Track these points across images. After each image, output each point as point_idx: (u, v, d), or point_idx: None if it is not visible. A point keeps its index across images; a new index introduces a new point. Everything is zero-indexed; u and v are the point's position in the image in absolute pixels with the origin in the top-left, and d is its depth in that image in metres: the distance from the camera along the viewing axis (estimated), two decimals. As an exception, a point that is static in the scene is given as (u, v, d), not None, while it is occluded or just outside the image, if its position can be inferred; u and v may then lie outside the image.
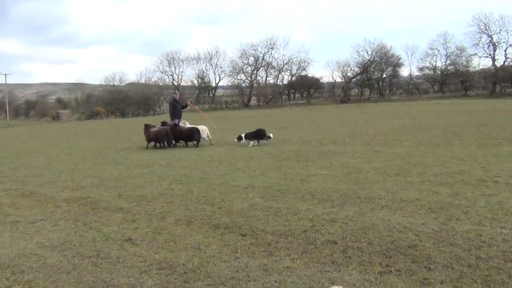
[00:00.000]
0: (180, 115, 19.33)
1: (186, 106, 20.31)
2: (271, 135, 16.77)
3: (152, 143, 17.99)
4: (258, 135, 16.78)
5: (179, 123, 18.82)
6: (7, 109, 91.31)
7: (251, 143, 16.46)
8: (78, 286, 4.57)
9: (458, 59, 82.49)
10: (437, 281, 4.23)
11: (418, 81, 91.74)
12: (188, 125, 19.01)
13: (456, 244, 5.05)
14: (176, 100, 19.63)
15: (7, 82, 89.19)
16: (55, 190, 9.64)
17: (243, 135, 16.84)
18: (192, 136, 17.75)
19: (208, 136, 18.22)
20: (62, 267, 5.07)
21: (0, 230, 6.77)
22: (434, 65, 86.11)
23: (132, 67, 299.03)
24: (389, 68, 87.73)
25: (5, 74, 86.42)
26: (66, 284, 4.61)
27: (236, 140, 17.11)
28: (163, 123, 19.13)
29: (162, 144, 17.72)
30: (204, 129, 18.22)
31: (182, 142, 18.35)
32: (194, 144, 17.70)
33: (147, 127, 18.78)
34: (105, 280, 4.64)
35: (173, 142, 18.16)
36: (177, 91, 28.60)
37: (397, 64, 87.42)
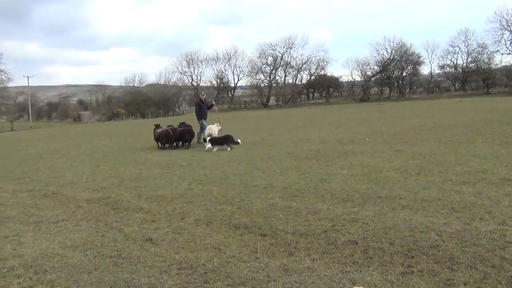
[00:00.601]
0: (206, 115, 19.57)
1: (211, 106, 20.50)
2: (239, 141, 16.50)
3: (169, 144, 18.53)
4: (226, 140, 16.31)
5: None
6: (30, 111, 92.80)
7: (215, 148, 15.97)
8: (100, 286, 4.61)
9: (479, 56, 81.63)
10: (461, 282, 4.15)
11: (439, 79, 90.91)
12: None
13: (479, 244, 4.96)
14: (202, 101, 19.74)
15: (30, 84, 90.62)
16: (76, 190, 9.75)
17: (207, 139, 16.61)
18: (183, 137, 18.21)
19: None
20: (83, 267, 5.12)
21: (23, 230, 6.87)
22: (455, 62, 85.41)
23: (151, 68, 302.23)
24: (409, 66, 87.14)
25: (28, 77, 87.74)
26: (88, 284, 4.65)
27: (202, 141, 17.41)
28: (181, 124, 19.41)
29: (163, 145, 18.23)
30: (210, 128, 18.57)
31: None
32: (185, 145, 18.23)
33: (155, 127, 19.33)
34: (126, 280, 4.67)
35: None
36: (203, 92, 28.77)
37: (417, 62, 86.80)
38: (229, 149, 15.83)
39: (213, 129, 18.54)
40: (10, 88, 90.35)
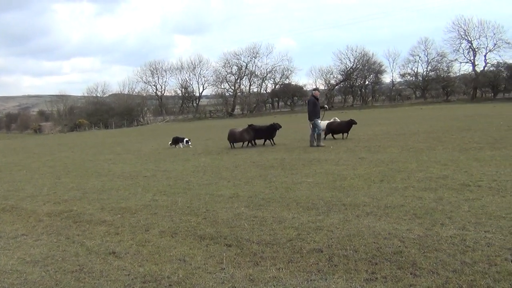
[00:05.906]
0: (319, 114, 17.87)
1: (322, 107, 19.15)
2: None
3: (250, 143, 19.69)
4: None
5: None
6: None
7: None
8: (61, 302, 4.48)
9: (439, 65, 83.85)
10: (423, 287, 4.22)
11: (400, 87, 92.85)
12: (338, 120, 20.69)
13: (441, 250, 5.06)
14: (317, 98, 18.18)
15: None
16: (37, 204, 9.50)
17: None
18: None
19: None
20: (44, 283, 4.97)
21: (-20, 246, 6.63)
22: (415, 71, 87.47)
23: (115, 78, 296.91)
24: (371, 75, 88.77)
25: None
26: (48, 301, 4.51)
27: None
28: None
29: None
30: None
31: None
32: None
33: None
34: (88, 295, 4.56)
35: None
36: (318, 89, 26.08)
37: (379, 71, 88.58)
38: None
39: (323, 123, 19.40)
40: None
